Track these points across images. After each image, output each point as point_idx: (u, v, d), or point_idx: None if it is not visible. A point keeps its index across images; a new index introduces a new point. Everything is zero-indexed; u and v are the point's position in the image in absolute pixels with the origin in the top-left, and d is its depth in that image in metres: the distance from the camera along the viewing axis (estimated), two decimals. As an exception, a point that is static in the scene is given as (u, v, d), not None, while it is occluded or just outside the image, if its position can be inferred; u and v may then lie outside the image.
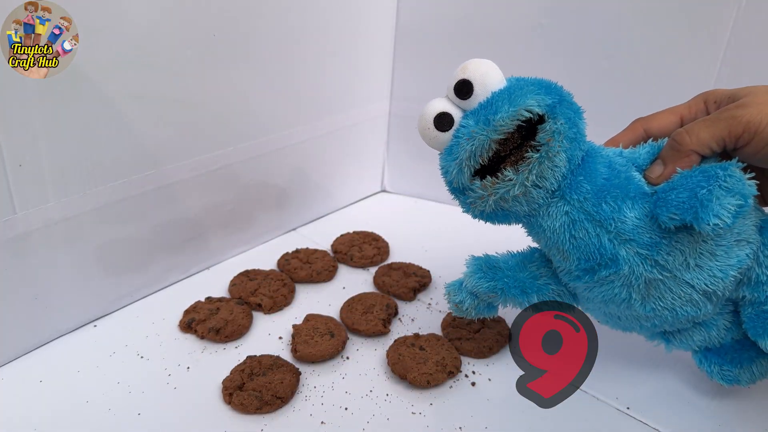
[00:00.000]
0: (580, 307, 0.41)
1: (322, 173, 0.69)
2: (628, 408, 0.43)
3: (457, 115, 0.36)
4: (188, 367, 0.46)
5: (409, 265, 0.59)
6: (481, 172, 0.36)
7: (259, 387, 0.43)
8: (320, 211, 0.71)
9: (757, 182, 0.33)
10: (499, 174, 0.35)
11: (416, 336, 0.48)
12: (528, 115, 0.34)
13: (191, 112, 0.52)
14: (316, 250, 0.61)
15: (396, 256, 0.63)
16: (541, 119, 0.34)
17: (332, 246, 0.63)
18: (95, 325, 0.51)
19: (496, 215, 0.37)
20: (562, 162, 0.34)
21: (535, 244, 0.41)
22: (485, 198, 0.36)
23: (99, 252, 0.49)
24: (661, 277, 0.36)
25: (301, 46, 0.59)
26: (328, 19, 0.61)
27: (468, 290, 0.42)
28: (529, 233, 0.40)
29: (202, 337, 0.49)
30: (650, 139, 0.39)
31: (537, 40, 0.61)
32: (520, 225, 0.39)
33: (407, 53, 0.70)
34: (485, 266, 0.41)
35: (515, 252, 0.42)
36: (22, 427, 0.40)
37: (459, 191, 0.37)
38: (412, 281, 0.56)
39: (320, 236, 0.66)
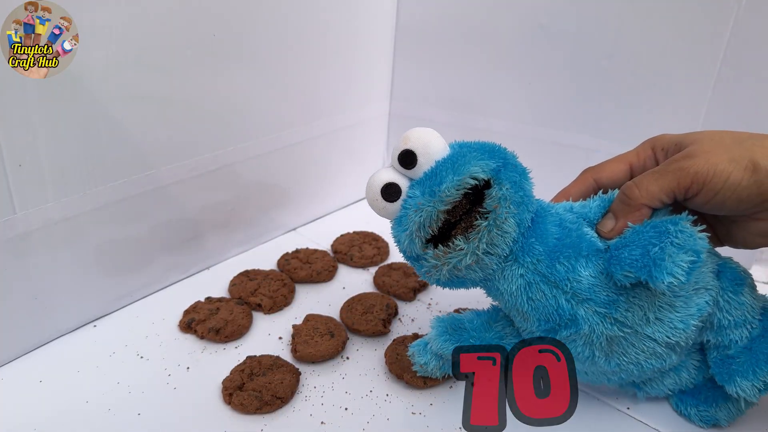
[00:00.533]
0: None
1: (322, 173, 0.69)
2: (628, 408, 0.43)
3: (404, 184, 0.36)
4: (188, 367, 0.46)
5: (409, 265, 0.59)
6: (433, 240, 0.36)
7: (258, 387, 0.43)
8: (320, 211, 0.71)
9: (708, 234, 0.33)
10: (450, 243, 0.35)
11: (415, 336, 0.48)
12: (473, 182, 0.34)
13: (191, 112, 0.52)
14: (316, 250, 0.61)
15: (396, 256, 0.63)
16: (487, 183, 0.34)
17: (332, 246, 0.63)
18: (95, 325, 0.51)
19: (453, 282, 0.37)
20: (511, 227, 0.34)
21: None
22: (439, 267, 0.36)
23: (99, 252, 0.49)
24: (622, 333, 0.35)
25: (301, 46, 0.59)
26: (328, 19, 0.61)
27: (433, 352, 0.42)
28: (488, 294, 0.40)
29: (202, 337, 0.49)
30: (600, 191, 0.39)
31: (537, 40, 0.61)
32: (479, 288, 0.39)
33: (407, 53, 0.70)
34: (450, 328, 0.41)
35: (480, 311, 0.42)
36: (21, 427, 0.40)
37: (413, 259, 0.37)
38: (412, 281, 0.56)
39: (320, 236, 0.66)
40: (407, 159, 0.35)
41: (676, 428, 0.41)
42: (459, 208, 0.35)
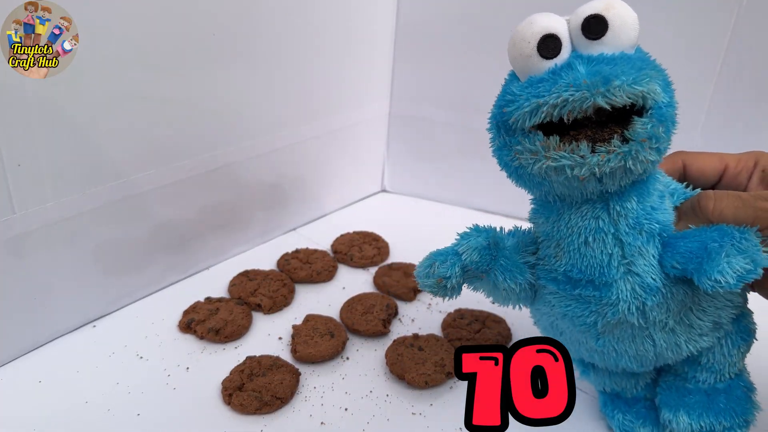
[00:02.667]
0: (529, 307, 0.38)
1: (322, 173, 0.69)
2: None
3: (566, 47, 0.29)
4: (188, 368, 0.46)
5: (409, 265, 0.59)
6: (544, 126, 0.29)
7: (258, 387, 0.43)
8: (320, 211, 0.71)
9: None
10: (571, 141, 0.29)
11: (415, 336, 0.48)
12: (641, 101, 0.28)
13: (191, 111, 0.52)
14: (315, 250, 0.61)
15: (396, 256, 0.63)
16: (640, 110, 0.29)
17: (332, 246, 0.63)
18: (94, 326, 0.51)
19: (529, 179, 0.32)
20: (637, 170, 0.29)
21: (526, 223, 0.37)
22: (537, 156, 0.29)
23: (98, 252, 0.49)
24: (636, 323, 0.33)
25: (301, 45, 0.59)
26: (328, 19, 0.61)
27: (462, 265, 0.34)
28: (538, 210, 0.35)
29: (201, 338, 0.49)
30: (687, 185, 0.36)
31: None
32: (534, 197, 0.35)
33: (407, 53, 0.70)
34: (492, 241, 0.35)
35: (514, 230, 0.37)
36: (21, 427, 0.40)
37: (507, 129, 0.30)
38: (412, 281, 0.56)
39: (320, 236, 0.66)
40: (597, 27, 0.29)
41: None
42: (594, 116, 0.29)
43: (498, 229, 0.36)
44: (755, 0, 0.51)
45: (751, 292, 0.37)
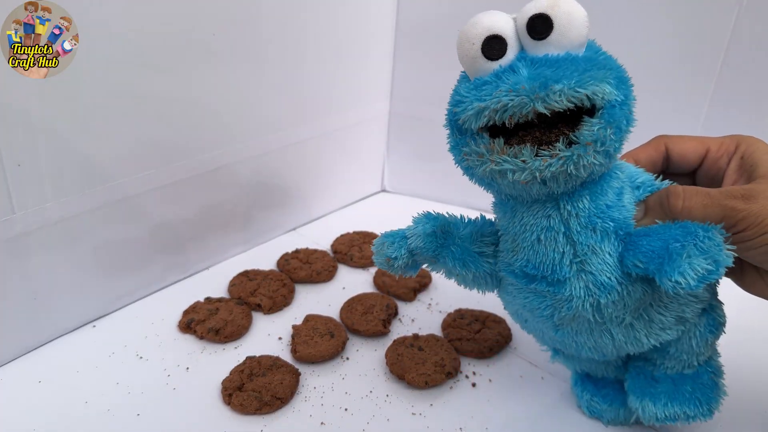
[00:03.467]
0: (496, 292, 0.38)
1: (322, 173, 0.69)
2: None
3: (512, 46, 0.28)
4: (188, 368, 0.46)
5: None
6: (493, 128, 0.29)
7: (258, 387, 0.43)
8: (320, 211, 0.71)
9: (736, 254, 0.29)
10: (513, 145, 0.29)
11: (415, 336, 0.48)
12: (587, 102, 0.27)
13: (191, 112, 0.51)
14: (315, 250, 0.61)
15: (396, 257, 0.63)
16: (590, 110, 0.28)
17: (332, 246, 0.63)
18: (94, 326, 0.51)
19: (479, 179, 0.32)
20: (582, 174, 0.29)
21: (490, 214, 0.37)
22: (483, 159, 0.29)
23: (98, 252, 0.49)
24: (591, 318, 0.33)
25: (301, 45, 0.59)
26: (328, 19, 0.61)
27: (409, 248, 0.36)
28: (496, 207, 0.35)
29: (201, 338, 0.49)
30: (657, 177, 0.35)
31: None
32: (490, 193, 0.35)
33: (407, 53, 0.70)
34: (440, 228, 0.36)
35: (470, 220, 0.37)
36: (21, 428, 0.40)
37: (458, 129, 0.30)
38: (412, 281, 0.56)
39: (320, 236, 0.66)
40: (541, 27, 0.28)
41: (675, 428, 0.41)
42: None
43: (459, 217, 0.37)
44: (755, 0, 0.51)
45: (720, 284, 0.36)
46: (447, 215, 0.37)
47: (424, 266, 0.38)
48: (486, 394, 0.44)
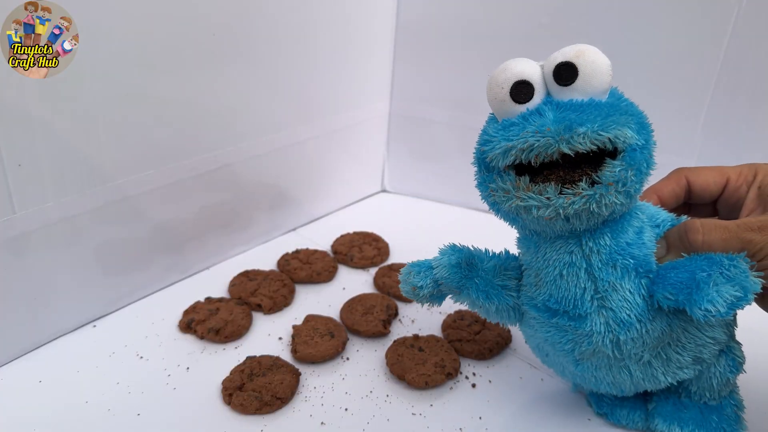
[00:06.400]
0: (519, 326, 0.40)
1: (322, 173, 0.69)
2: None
3: (539, 90, 0.30)
4: (188, 368, 0.46)
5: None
6: (518, 166, 0.31)
7: (258, 387, 0.43)
8: (320, 211, 0.71)
9: (764, 281, 0.30)
10: (538, 183, 0.30)
11: (416, 337, 0.48)
12: (609, 145, 0.29)
13: (191, 112, 0.52)
14: (316, 251, 0.61)
15: (396, 257, 0.63)
16: (612, 153, 0.30)
17: (332, 246, 0.63)
18: (94, 326, 0.51)
19: (505, 215, 0.33)
20: (604, 212, 0.30)
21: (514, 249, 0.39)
22: (509, 195, 0.31)
23: (98, 252, 0.49)
24: (611, 354, 0.34)
25: (301, 45, 0.59)
26: (328, 18, 0.61)
27: (434, 278, 0.37)
28: (520, 242, 0.37)
29: (201, 338, 0.49)
30: (679, 215, 0.36)
31: (537, 39, 0.61)
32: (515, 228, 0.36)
33: (407, 53, 0.70)
34: (465, 260, 0.37)
35: (495, 254, 0.39)
36: (21, 427, 0.40)
37: (486, 167, 0.32)
38: (412, 282, 0.56)
39: (320, 236, 0.66)
40: (567, 74, 0.30)
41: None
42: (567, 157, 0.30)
43: (483, 251, 0.39)
44: (755, 0, 0.51)
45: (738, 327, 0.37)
46: (472, 248, 0.38)
47: (448, 297, 0.39)
48: (486, 395, 0.44)
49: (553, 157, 0.29)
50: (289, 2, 0.56)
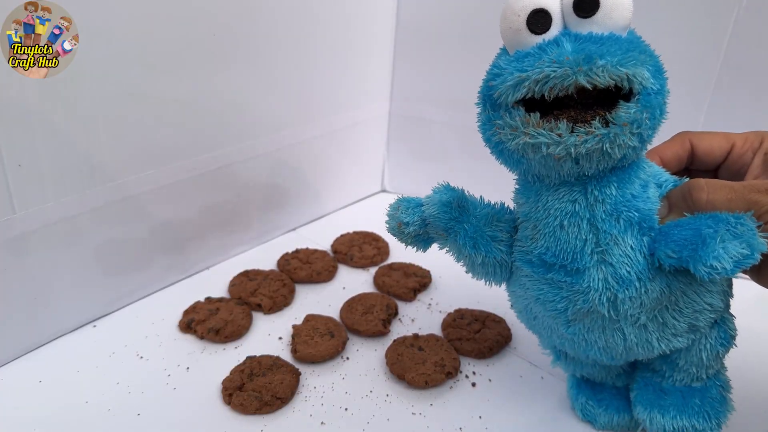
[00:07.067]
0: (505, 286, 0.38)
1: (322, 173, 0.69)
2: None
3: (556, 21, 0.29)
4: (188, 368, 0.46)
5: (409, 266, 0.59)
6: (528, 103, 0.29)
7: (258, 387, 0.43)
8: (320, 211, 0.71)
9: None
10: (551, 119, 0.28)
11: (415, 336, 0.48)
12: (626, 83, 0.28)
13: (191, 112, 0.52)
14: (315, 251, 0.61)
15: (396, 256, 0.63)
16: (627, 95, 0.28)
17: (332, 246, 0.63)
18: (95, 326, 0.51)
19: (509, 155, 0.31)
20: (616, 154, 0.29)
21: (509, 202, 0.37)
22: (517, 132, 0.29)
23: (98, 252, 0.49)
24: (606, 314, 0.33)
25: (301, 45, 0.59)
26: (328, 18, 0.61)
27: (422, 216, 0.36)
28: (519, 191, 0.35)
29: (201, 338, 0.49)
30: (682, 175, 0.35)
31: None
32: (514, 176, 0.35)
33: (407, 53, 0.70)
34: (456, 201, 0.35)
35: (489, 203, 0.37)
36: (21, 427, 0.40)
37: (492, 104, 0.30)
38: (412, 281, 0.56)
39: (320, 236, 0.66)
40: (587, 5, 0.28)
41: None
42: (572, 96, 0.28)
43: (479, 198, 0.37)
44: (755, 0, 0.51)
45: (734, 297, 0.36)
46: (468, 193, 0.37)
47: (434, 244, 0.37)
48: (486, 394, 0.44)
49: (569, 91, 0.27)
50: (289, 2, 0.56)
